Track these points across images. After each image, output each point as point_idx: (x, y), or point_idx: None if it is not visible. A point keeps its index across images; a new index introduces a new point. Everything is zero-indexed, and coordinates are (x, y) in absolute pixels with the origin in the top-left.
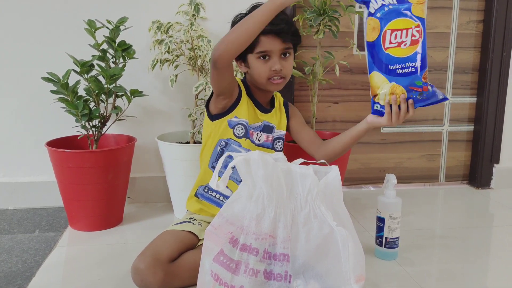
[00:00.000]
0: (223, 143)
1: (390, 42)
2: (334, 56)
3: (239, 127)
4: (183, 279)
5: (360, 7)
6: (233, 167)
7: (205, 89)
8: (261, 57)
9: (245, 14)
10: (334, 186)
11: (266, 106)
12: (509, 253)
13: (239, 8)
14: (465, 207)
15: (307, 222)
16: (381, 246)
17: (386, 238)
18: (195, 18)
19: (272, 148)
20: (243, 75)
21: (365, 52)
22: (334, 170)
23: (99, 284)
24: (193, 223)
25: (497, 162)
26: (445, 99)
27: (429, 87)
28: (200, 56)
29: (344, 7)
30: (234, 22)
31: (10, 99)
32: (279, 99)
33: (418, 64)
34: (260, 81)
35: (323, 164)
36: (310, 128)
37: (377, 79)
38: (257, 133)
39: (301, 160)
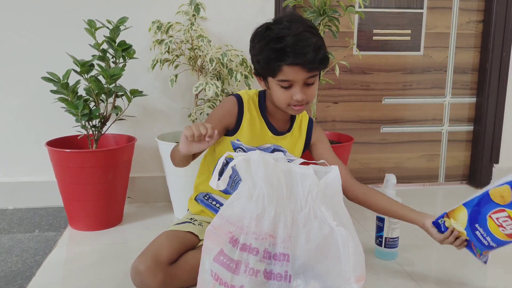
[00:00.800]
0: (225, 161)
1: (498, 220)
2: (334, 56)
3: (239, 150)
4: (183, 280)
5: None
6: (233, 167)
7: (205, 89)
8: (283, 86)
9: (268, 28)
10: (334, 186)
11: (282, 126)
12: (508, 253)
13: (239, 8)
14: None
15: (307, 222)
16: (381, 246)
17: (386, 238)
18: (195, 18)
19: None
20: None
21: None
22: (334, 170)
23: (99, 284)
24: (193, 223)
25: (497, 162)
26: (484, 262)
27: (484, 255)
28: (200, 56)
29: (344, 7)
30: (254, 35)
31: (10, 98)
32: (301, 118)
33: (495, 247)
34: (279, 105)
35: (323, 164)
36: (339, 159)
37: (462, 216)
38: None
39: (301, 160)
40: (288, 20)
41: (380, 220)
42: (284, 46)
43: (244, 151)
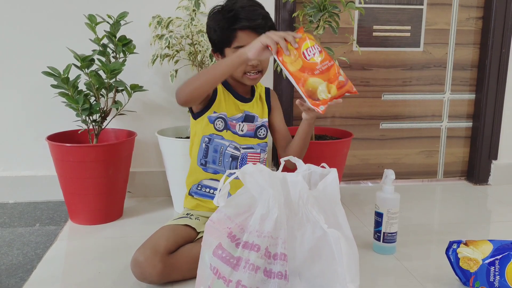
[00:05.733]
0: (206, 139)
1: None
2: (334, 52)
3: (218, 120)
4: (182, 272)
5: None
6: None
7: None
8: None
9: (222, 7)
10: (332, 189)
11: (246, 96)
12: None
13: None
14: (463, 203)
15: (301, 226)
16: (379, 240)
17: (384, 233)
18: (195, 13)
19: (255, 136)
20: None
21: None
22: (333, 173)
23: (99, 277)
24: (190, 218)
25: (495, 158)
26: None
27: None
28: (200, 51)
29: (344, 2)
30: (210, 14)
31: (11, 93)
32: (259, 88)
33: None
34: (236, 75)
35: (322, 167)
36: (285, 125)
37: (486, 248)
38: (239, 124)
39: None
40: None
41: (379, 215)
42: (235, 12)
43: (223, 118)
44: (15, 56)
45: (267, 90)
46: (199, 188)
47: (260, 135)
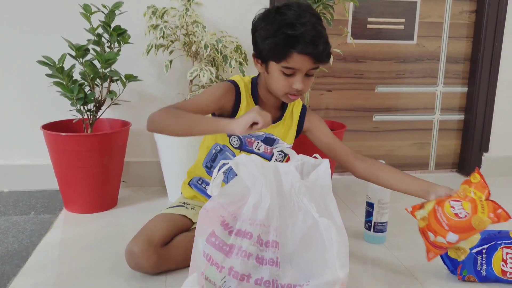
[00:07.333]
0: (218, 148)
1: (506, 254)
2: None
3: (234, 137)
4: (176, 262)
5: None
6: (225, 172)
7: (199, 75)
8: (285, 73)
9: (279, 13)
10: (324, 179)
11: (274, 113)
12: None
13: None
14: None
15: (293, 215)
16: (370, 230)
17: (374, 222)
18: (190, 4)
19: (270, 160)
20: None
21: None
22: (325, 164)
23: (93, 264)
24: (186, 207)
25: (486, 151)
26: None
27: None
28: (194, 42)
29: None
30: (263, 16)
31: (6, 82)
32: (294, 105)
33: (482, 276)
34: (276, 92)
35: (315, 157)
36: (338, 141)
37: (475, 236)
38: (258, 142)
39: (291, 150)
40: (299, 7)
41: (370, 205)
42: (298, 33)
43: (239, 137)
44: (10, 46)
45: (303, 109)
46: (199, 183)
47: (276, 159)
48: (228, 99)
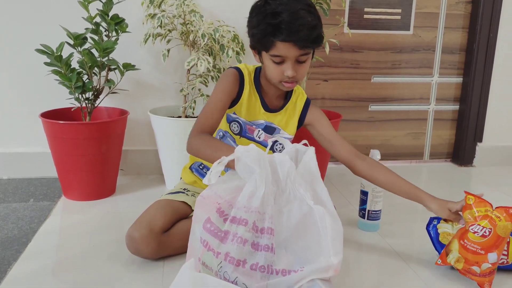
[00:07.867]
0: (221, 133)
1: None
2: (324, 34)
3: (234, 123)
4: (175, 248)
5: None
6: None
7: (196, 64)
8: (275, 61)
9: (267, 3)
10: (310, 167)
11: (276, 102)
12: None
13: None
14: (448, 183)
15: (288, 202)
16: (364, 218)
17: (368, 210)
18: None
19: (271, 149)
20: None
21: None
22: (310, 151)
23: (92, 250)
24: (186, 194)
25: (480, 141)
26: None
27: None
28: (192, 31)
29: None
30: (254, 7)
31: (5, 70)
32: (298, 97)
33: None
34: (271, 80)
35: (305, 144)
36: (340, 137)
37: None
38: (259, 130)
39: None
40: None
41: (364, 193)
42: (279, 22)
43: (239, 124)
44: (9, 34)
45: (307, 103)
46: (201, 167)
47: (276, 149)
48: (234, 91)
